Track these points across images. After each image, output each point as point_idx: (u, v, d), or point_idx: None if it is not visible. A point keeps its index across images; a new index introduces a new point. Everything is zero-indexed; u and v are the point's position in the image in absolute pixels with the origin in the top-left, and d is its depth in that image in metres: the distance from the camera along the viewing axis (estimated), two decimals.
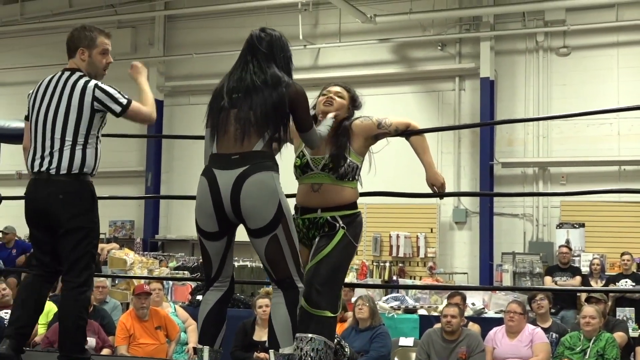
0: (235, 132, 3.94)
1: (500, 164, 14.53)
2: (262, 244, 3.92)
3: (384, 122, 4.50)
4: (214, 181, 3.90)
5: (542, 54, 14.68)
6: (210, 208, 3.92)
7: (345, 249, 4.32)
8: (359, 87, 16.08)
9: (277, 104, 3.99)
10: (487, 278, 14.02)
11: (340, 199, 4.34)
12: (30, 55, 17.91)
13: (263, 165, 3.88)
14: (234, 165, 3.87)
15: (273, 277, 3.98)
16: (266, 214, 3.85)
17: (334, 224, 4.32)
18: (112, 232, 17.04)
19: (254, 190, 3.83)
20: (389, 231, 14.78)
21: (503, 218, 14.62)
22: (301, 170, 4.41)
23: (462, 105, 15.07)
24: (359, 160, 4.43)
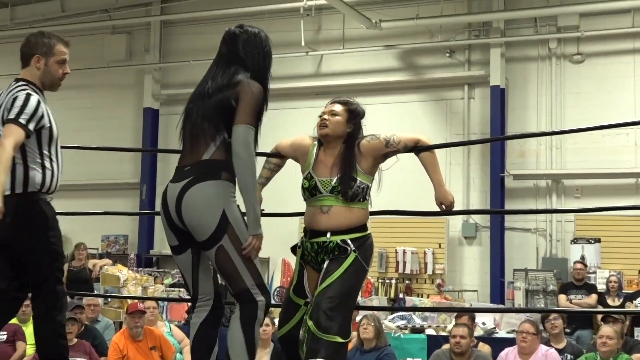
0: (189, 142, 4.01)
1: (512, 176, 14.50)
2: (212, 256, 3.90)
3: (392, 140, 4.47)
4: (165, 194, 3.97)
5: (555, 61, 14.66)
6: (165, 222, 3.99)
7: (356, 273, 4.33)
8: (364, 96, 16.17)
9: (220, 105, 3.97)
10: (498, 296, 13.97)
11: (350, 221, 4.35)
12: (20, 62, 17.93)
13: (207, 174, 3.87)
14: (182, 177, 3.91)
15: (231, 292, 3.96)
16: (208, 224, 3.84)
17: (345, 247, 4.32)
18: (105, 247, 17.02)
19: (192, 201, 3.84)
20: (395, 246, 14.74)
21: (515, 233, 14.58)
22: (309, 192, 4.42)
23: (471, 115, 15.05)
24: (369, 180, 4.44)
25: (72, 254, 13.26)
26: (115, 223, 17.03)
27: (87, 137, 16.34)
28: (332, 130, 4.44)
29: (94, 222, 16.70)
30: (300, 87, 15.99)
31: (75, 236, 16.53)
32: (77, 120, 17.52)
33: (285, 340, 4.43)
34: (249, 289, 3.90)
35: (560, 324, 8.93)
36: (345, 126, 4.46)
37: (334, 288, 4.22)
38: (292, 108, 15.71)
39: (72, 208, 14.84)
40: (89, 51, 17.52)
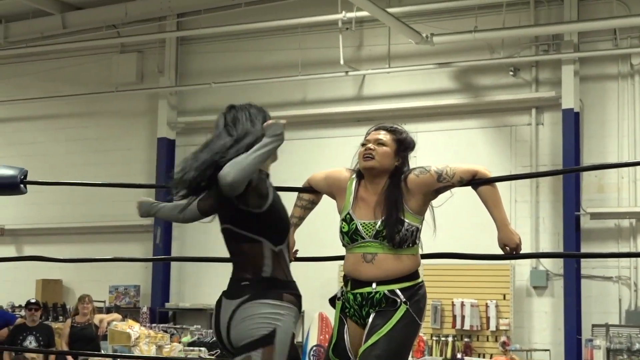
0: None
1: (589, 215, 14.42)
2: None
3: (445, 173, 4.44)
4: (218, 309, 4.18)
5: (638, 80, 14.63)
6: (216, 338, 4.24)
7: (408, 328, 4.33)
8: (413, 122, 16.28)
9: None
10: (575, 356, 13.88)
11: (399, 270, 4.34)
12: (15, 85, 18.24)
13: (267, 293, 4.02)
14: (239, 294, 4.07)
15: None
16: (249, 333, 3.96)
17: (394, 299, 4.32)
18: (114, 300, 17.12)
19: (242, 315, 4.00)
20: (451, 298, 14.71)
21: (593, 281, 14.49)
22: (349, 238, 4.41)
23: (540, 143, 15.03)
24: (419, 221, 4.43)
25: (76, 307, 13.36)
26: (126, 272, 17.14)
27: (92, 172, 16.55)
28: (379, 162, 4.44)
29: (101, 271, 16.83)
30: (339, 113, 16.07)
31: (79, 287, 16.75)
32: (81, 153, 17.75)
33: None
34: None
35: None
36: (393, 159, 4.47)
37: (382, 346, 4.21)
38: (329, 137, 15.80)
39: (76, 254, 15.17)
40: (94, 73, 17.79)
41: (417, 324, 4.39)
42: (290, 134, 17.13)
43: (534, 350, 14.38)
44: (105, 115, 17.88)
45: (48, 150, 17.87)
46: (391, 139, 4.48)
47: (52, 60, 18.15)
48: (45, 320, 14.80)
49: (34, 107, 18.14)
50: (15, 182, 5.54)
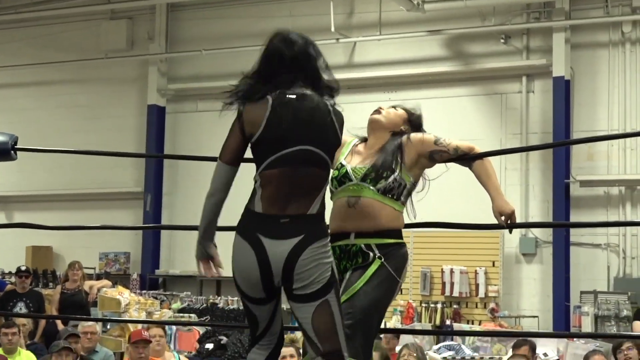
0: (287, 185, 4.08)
1: (578, 183, 14.46)
2: (309, 310, 4.02)
3: (444, 140, 4.54)
4: (263, 250, 4.04)
5: (630, 48, 14.63)
6: (256, 278, 4.07)
7: (383, 285, 4.34)
8: (404, 90, 16.23)
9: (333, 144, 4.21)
10: (563, 322, 13.94)
11: (379, 219, 4.36)
12: (7, 52, 18.16)
13: (318, 233, 4.06)
14: (287, 234, 4.02)
15: (319, 349, 4.02)
16: (320, 280, 4.01)
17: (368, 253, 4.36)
18: (104, 267, 17.16)
19: (308, 263, 4.00)
20: (440, 265, 14.74)
21: (582, 249, 14.55)
22: (338, 182, 4.46)
23: (530, 111, 15.04)
24: (408, 179, 4.46)
25: (66, 274, 13.36)
26: (116, 239, 17.15)
27: (83, 140, 16.51)
28: (386, 118, 4.59)
29: (91, 238, 16.84)
30: None
31: (69, 254, 16.74)
32: (71, 120, 17.72)
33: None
34: (342, 350, 4.04)
35: (635, 355, 8.90)
36: (400, 123, 4.62)
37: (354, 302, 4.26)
38: None
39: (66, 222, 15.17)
40: (84, 40, 17.72)
41: (395, 280, 4.39)
42: None
43: (522, 316, 14.45)
44: (95, 82, 17.82)
45: (38, 117, 17.83)
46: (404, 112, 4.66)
47: (41, 26, 18.06)
48: (35, 286, 14.82)
49: (23, 74, 18.08)
50: (6, 149, 5.53)
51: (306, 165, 4.05)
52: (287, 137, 4.06)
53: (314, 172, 4.07)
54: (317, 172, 4.08)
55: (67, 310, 12.29)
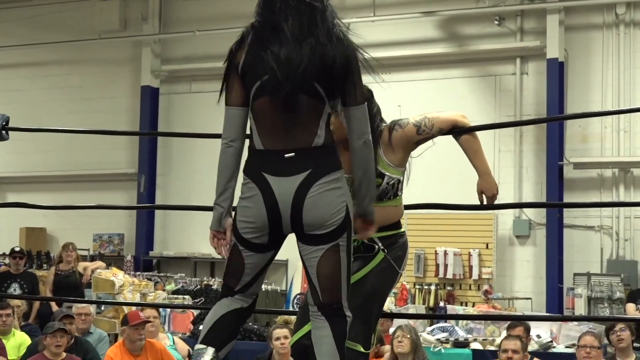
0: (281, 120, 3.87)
1: (572, 165, 14.47)
2: (318, 253, 3.86)
3: (424, 125, 4.39)
4: (269, 188, 3.84)
5: (624, 30, 14.61)
6: (263, 221, 3.87)
7: (383, 274, 4.33)
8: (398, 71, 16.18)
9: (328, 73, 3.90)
10: (556, 304, 13.98)
11: (380, 220, 4.27)
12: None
13: (327, 166, 3.86)
14: (293, 170, 3.83)
15: (319, 299, 3.91)
16: (332, 221, 3.83)
17: (372, 246, 4.33)
18: (97, 248, 17.15)
19: (318, 202, 3.81)
20: (434, 247, 14.78)
21: (575, 231, 14.57)
22: None
23: (524, 92, 15.04)
24: (399, 172, 4.39)
25: (60, 255, 13.36)
26: (109, 220, 17.16)
27: (75, 121, 16.46)
28: (337, 135, 4.23)
29: (85, 219, 16.84)
30: None
31: (63, 235, 16.74)
32: (64, 102, 17.67)
33: (296, 350, 4.41)
34: (341, 301, 3.91)
35: (627, 336, 8.91)
36: None
37: (356, 289, 4.20)
38: None
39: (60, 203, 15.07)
40: (77, 20, 17.64)
41: (396, 272, 4.39)
42: None
43: (515, 298, 14.47)
44: (89, 63, 17.78)
45: (30, 98, 17.77)
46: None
47: (34, 7, 17.99)
48: (29, 268, 14.81)
49: (16, 55, 18.02)
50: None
51: (296, 93, 3.82)
52: (265, 66, 3.84)
53: (306, 100, 3.84)
54: (311, 101, 3.85)
55: (61, 292, 12.30)
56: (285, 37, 3.85)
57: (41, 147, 17.49)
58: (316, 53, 3.83)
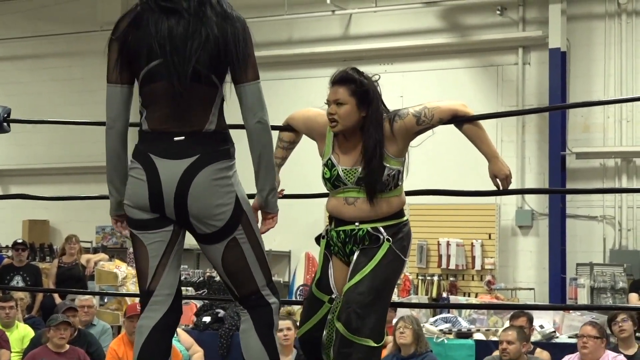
0: (171, 101, 3.74)
1: (574, 155, 14.47)
2: (217, 252, 3.75)
3: (424, 115, 4.32)
4: (155, 170, 3.70)
5: (626, 19, 14.60)
6: (144, 198, 3.72)
7: (391, 265, 4.31)
8: (400, 62, 16.15)
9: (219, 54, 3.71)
10: (559, 294, 13.98)
11: (381, 210, 4.30)
12: (1, 25, 18.08)
13: (216, 153, 3.70)
14: (181, 154, 3.68)
15: (235, 294, 3.84)
16: (222, 214, 3.69)
17: (377, 235, 4.30)
18: (100, 240, 17.17)
19: (203, 189, 3.67)
20: (437, 238, 14.78)
21: (578, 221, 14.57)
22: (332, 184, 4.35)
23: (526, 82, 15.03)
24: (400, 163, 4.35)
25: (63, 247, 13.38)
26: None
27: (78, 113, 16.43)
28: (343, 125, 4.27)
29: (88, 211, 16.84)
30: (326, 52, 15.99)
31: (66, 227, 16.75)
32: (66, 93, 17.67)
33: (305, 342, 4.42)
34: (260, 290, 3.81)
35: (629, 327, 8.91)
36: (358, 113, 4.28)
37: (366, 283, 4.20)
38: (315, 77, 15.70)
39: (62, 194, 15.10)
40: (79, 11, 17.63)
41: (401, 260, 4.36)
42: (277, 73, 17.13)
43: (518, 289, 14.48)
44: (90, 55, 17.73)
45: (33, 90, 17.78)
46: (348, 95, 4.26)
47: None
48: (32, 260, 14.84)
49: (17, 47, 18.02)
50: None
51: (187, 79, 3.64)
52: (153, 49, 3.70)
53: (198, 86, 3.66)
54: (204, 87, 3.69)
55: (64, 284, 12.31)
56: (175, 18, 3.70)
57: (43, 139, 17.49)
58: (207, 36, 3.67)
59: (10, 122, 5.56)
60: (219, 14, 3.73)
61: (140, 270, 3.84)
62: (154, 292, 3.80)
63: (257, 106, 3.75)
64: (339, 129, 4.29)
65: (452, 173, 13.38)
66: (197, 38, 3.66)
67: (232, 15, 3.77)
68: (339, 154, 4.37)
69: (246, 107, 3.77)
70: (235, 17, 3.77)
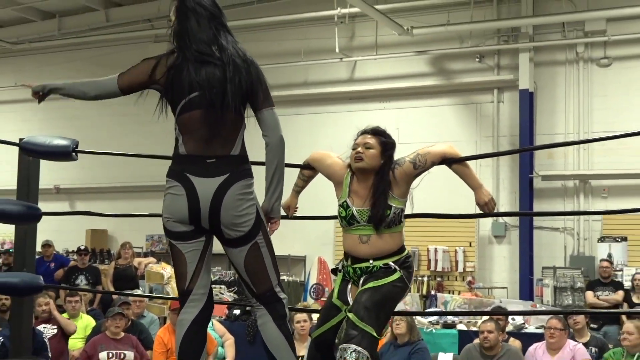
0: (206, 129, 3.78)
1: (540, 177, 14.43)
2: (241, 254, 3.78)
3: (418, 161, 4.38)
4: (193, 187, 3.73)
5: (583, 65, 14.57)
6: (184, 211, 3.75)
7: (396, 287, 4.31)
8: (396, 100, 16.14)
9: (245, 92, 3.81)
10: (527, 292, 13.91)
11: (391, 246, 4.32)
12: (68, 69, 18.16)
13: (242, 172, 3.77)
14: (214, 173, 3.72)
15: (253, 291, 3.84)
16: (247, 222, 3.73)
17: (389, 269, 4.32)
18: (149, 246, 17.18)
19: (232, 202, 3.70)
20: (426, 245, 14.74)
21: (543, 232, 14.52)
22: (347, 221, 4.36)
23: (500, 117, 15.00)
24: (403, 203, 4.38)
25: (119, 252, 13.40)
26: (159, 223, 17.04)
27: (132, 142, 16.54)
28: (368, 164, 4.34)
29: (139, 222, 16.84)
30: (336, 92, 16.01)
31: (121, 235, 16.77)
32: (123, 126, 17.74)
33: (319, 343, 4.38)
34: (273, 287, 3.83)
35: (582, 319, 8.91)
36: (379, 158, 4.37)
37: (376, 290, 4.23)
38: (326, 112, 15.78)
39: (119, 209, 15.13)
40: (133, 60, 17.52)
41: (407, 286, 4.37)
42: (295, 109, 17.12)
43: (494, 287, 14.43)
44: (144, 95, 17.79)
45: (96, 123, 17.83)
46: (376, 142, 4.37)
47: (98, 48, 18.07)
48: (94, 263, 14.86)
49: None
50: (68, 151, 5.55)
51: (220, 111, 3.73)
52: (193, 85, 3.80)
53: (228, 117, 3.74)
54: (233, 118, 3.76)
55: (119, 282, 12.34)
56: (212, 67, 3.80)
57: (104, 163, 17.52)
58: (239, 80, 3.77)
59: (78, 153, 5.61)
60: (243, 60, 3.81)
61: (180, 274, 3.86)
62: (192, 291, 3.83)
63: (276, 125, 3.83)
64: (362, 166, 4.35)
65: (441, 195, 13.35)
66: (232, 81, 3.74)
67: (250, 60, 3.86)
68: (353, 198, 4.39)
69: (268, 127, 3.83)
70: (252, 61, 3.86)
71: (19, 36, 18.22)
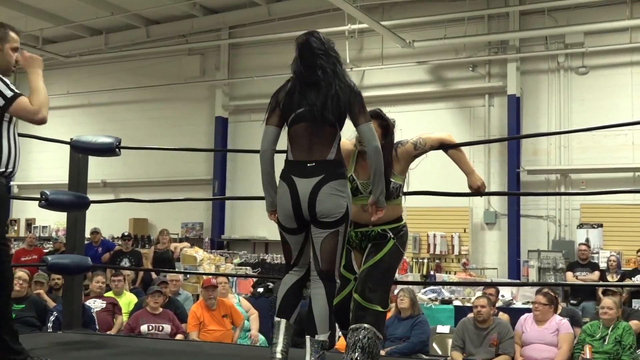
0: (307, 141, 4.01)
1: (526, 171, 14.37)
2: (323, 234, 3.95)
3: (419, 143, 4.45)
4: (294, 187, 3.97)
5: (563, 73, 14.49)
6: (290, 210, 3.99)
7: (394, 256, 4.35)
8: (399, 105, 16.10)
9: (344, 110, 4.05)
10: (515, 273, 13.88)
11: (388, 216, 4.32)
12: (113, 79, 18.21)
13: (335, 173, 3.97)
14: (311, 174, 3.95)
15: (319, 267, 3.99)
16: (336, 214, 3.93)
17: (385, 234, 4.34)
18: (184, 233, 17.22)
19: (326, 197, 3.92)
20: (427, 231, 14.71)
21: (529, 219, 14.46)
22: (352, 192, 4.33)
23: (491, 120, 14.95)
24: (401, 179, 4.42)
25: (157, 238, 13.46)
26: (193, 212, 17.20)
27: (169, 143, 16.53)
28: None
29: (175, 212, 16.91)
30: None
31: (159, 223, 16.82)
32: (160, 128, 17.76)
33: (338, 309, 4.40)
34: (334, 270, 4.00)
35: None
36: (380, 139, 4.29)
37: (376, 267, 4.25)
38: None
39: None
40: (169, 70, 17.74)
41: (401, 253, 4.42)
42: None
43: (486, 268, 14.38)
44: (177, 100, 17.85)
45: (136, 126, 17.86)
46: (376, 125, 4.33)
47: (139, 60, 18.10)
48: (136, 247, 14.91)
49: (126, 95, 18.13)
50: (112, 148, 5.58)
51: (320, 124, 3.97)
52: (301, 103, 4.01)
53: (326, 129, 3.98)
54: (330, 129, 3.98)
55: (158, 264, 12.38)
56: (317, 88, 4.01)
57: (144, 160, 17.58)
58: (338, 99, 3.99)
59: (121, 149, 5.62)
60: (343, 83, 4.04)
61: (287, 252, 4.15)
62: (297, 264, 4.15)
63: (371, 138, 4.01)
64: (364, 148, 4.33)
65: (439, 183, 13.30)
66: (331, 99, 3.98)
67: (350, 84, 4.08)
68: (358, 171, 4.40)
69: (364, 139, 4.04)
70: (351, 85, 4.09)
71: (71, 50, 18.26)
